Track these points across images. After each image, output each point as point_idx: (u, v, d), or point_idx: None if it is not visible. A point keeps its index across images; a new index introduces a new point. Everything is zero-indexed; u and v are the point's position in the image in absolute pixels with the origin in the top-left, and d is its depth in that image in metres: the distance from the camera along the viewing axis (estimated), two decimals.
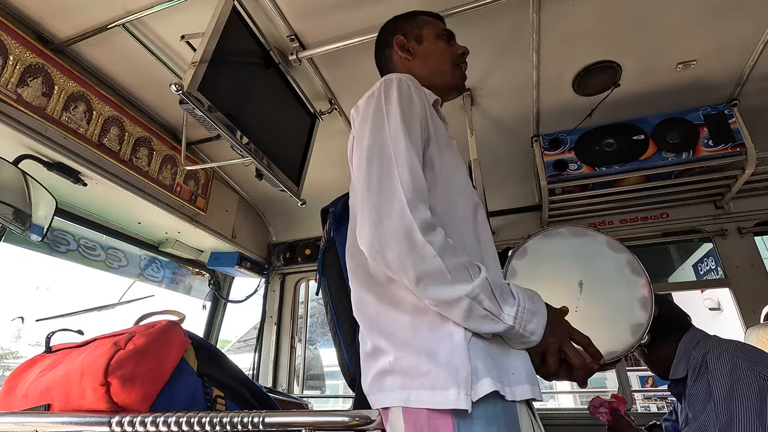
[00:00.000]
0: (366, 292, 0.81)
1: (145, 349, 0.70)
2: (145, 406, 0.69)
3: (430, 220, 0.72)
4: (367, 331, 0.78)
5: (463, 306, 0.68)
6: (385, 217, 0.71)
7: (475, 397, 0.64)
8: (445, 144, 0.90)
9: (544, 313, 0.73)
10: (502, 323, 0.69)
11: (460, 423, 0.64)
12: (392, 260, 0.69)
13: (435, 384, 0.66)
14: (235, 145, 1.49)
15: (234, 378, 0.94)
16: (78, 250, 2.15)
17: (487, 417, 0.65)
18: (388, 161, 0.76)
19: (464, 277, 0.69)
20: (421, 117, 0.85)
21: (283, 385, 2.60)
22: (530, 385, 0.73)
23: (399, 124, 0.79)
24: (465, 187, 0.90)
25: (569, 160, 1.96)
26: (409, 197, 0.72)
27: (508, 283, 0.74)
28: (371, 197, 0.73)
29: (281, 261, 2.78)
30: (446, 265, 0.68)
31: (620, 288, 1.03)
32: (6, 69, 1.41)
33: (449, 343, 0.69)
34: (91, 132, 1.67)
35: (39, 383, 0.70)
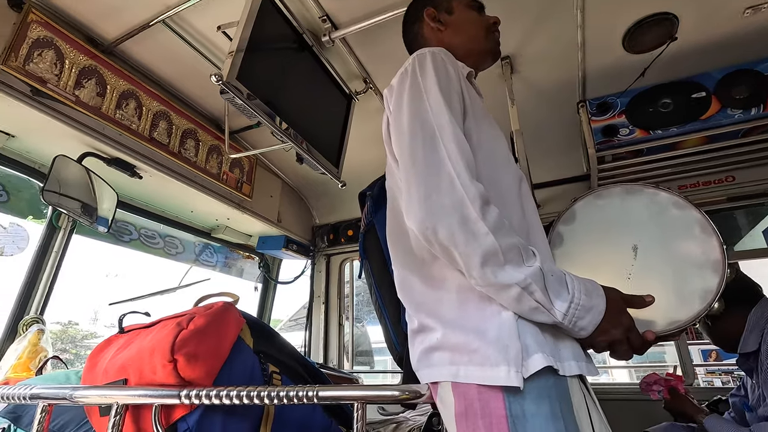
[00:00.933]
0: (409, 273, 0.81)
1: (205, 329, 0.75)
2: (209, 381, 0.74)
3: (484, 193, 0.69)
4: (413, 311, 0.79)
5: (513, 294, 0.66)
6: (434, 192, 0.68)
7: (526, 374, 0.63)
8: (481, 115, 0.87)
9: (600, 310, 0.69)
10: (551, 317, 0.67)
11: (511, 398, 0.64)
12: (443, 236, 0.67)
13: (484, 361, 0.65)
14: (275, 131, 1.52)
15: (287, 354, 0.99)
16: (139, 239, 2.31)
17: (539, 391, 0.64)
18: (432, 135, 0.74)
19: (517, 261, 0.66)
20: (457, 89, 0.82)
21: (333, 361, 2.71)
22: (584, 362, 0.71)
23: (438, 96, 0.77)
24: (507, 158, 0.87)
25: (620, 124, 1.84)
26: (458, 170, 0.69)
27: (564, 274, 0.71)
28: (417, 173, 0.71)
29: (325, 242, 2.84)
30: (499, 245, 0.65)
31: (687, 250, 0.93)
32: (63, 73, 1.50)
33: (497, 320, 0.68)
34: (142, 127, 1.77)
35: (116, 360, 0.77)
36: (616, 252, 0.98)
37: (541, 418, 0.62)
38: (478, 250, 0.65)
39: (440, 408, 0.72)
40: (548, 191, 2.35)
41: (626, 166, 1.99)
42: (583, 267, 1.00)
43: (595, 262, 1.04)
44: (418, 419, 1.79)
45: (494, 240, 0.65)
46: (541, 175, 2.31)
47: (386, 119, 0.89)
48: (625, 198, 1.06)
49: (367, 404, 0.74)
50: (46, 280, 1.78)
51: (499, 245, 0.65)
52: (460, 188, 0.68)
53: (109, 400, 0.69)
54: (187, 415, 0.72)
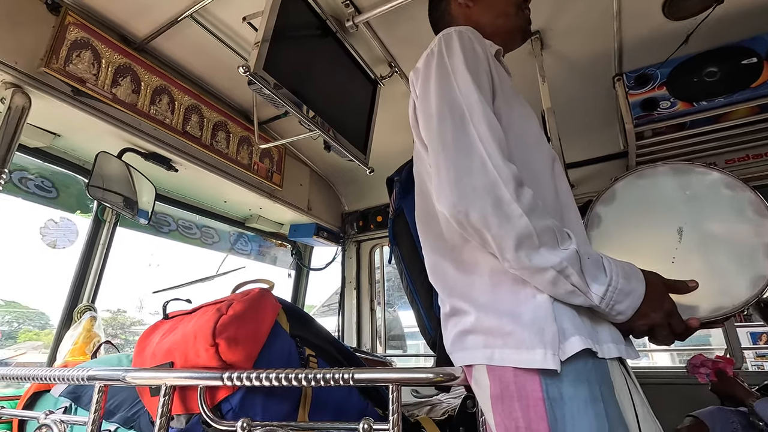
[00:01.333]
0: (440, 257, 0.80)
1: (244, 314, 0.78)
2: (249, 364, 0.77)
3: (517, 174, 0.67)
4: (446, 296, 0.79)
5: (548, 277, 0.64)
6: (465, 175, 0.67)
7: (563, 357, 0.62)
8: (511, 94, 0.85)
9: (639, 295, 0.67)
10: (587, 300, 0.65)
11: (548, 380, 0.63)
12: (476, 219, 0.66)
13: (519, 344, 0.65)
14: (303, 120, 1.54)
15: (323, 339, 1.01)
16: (178, 230, 2.40)
17: (577, 374, 0.63)
18: (461, 117, 0.72)
19: (552, 244, 0.65)
20: (486, 68, 0.80)
21: (366, 345, 2.76)
22: (623, 345, 0.69)
23: (467, 76, 0.75)
24: (539, 138, 0.85)
25: (660, 97, 1.74)
26: (490, 151, 0.68)
27: (602, 257, 0.68)
28: (447, 156, 0.70)
29: (355, 229, 2.87)
30: (534, 227, 0.64)
31: (739, 233, 0.86)
32: (101, 72, 1.56)
33: (532, 303, 0.67)
34: (175, 121, 1.82)
35: (162, 344, 0.81)
36: (659, 234, 0.93)
37: (580, 401, 0.61)
38: (511, 233, 0.64)
39: (475, 390, 0.72)
40: (582, 171, 2.26)
41: (667, 141, 1.89)
42: (622, 250, 0.96)
43: (636, 244, 0.99)
44: (452, 402, 1.81)
45: (528, 222, 0.64)
46: (574, 154, 2.23)
47: (412, 103, 0.87)
48: (671, 177, 1.00)
49: (408, 386, 0.75)
50: (95, 270, 1.89)
51: (533, 227, 0.64)
52: (492, 170, 0.66)
53: (158, 382, 0.74)
54: (230, 396, 0.76)
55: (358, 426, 0.71)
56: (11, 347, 12.38)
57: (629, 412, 0.64)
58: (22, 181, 1.78)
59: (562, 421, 0.61)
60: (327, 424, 0.75)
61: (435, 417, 1.61)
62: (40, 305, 4.86)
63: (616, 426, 0.61)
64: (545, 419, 0.62)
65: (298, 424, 0.75)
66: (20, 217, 2.29)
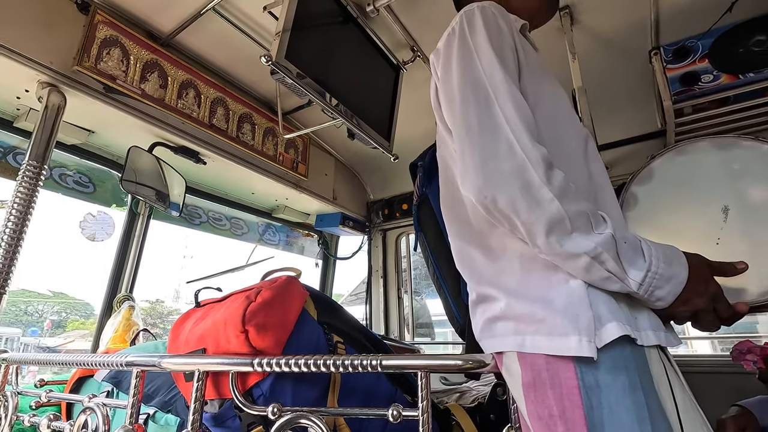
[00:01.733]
0: (467, 244, 0.78)
1: (272, 301, 0.79)
2: (278, 350, 0.78)
3: (547, 156, 0.64)
4: (474, 283, 0.77)
5: (581, 263, 0.61)
6: (491, 159, 0.64)
7: (600, 344, 0.59)
8: (539, 71, 0.80)
9: (681, 280, 0.62)
10: (624, 286, 0.62)
11: (583, 368, 0.60)
12: (504, 205, 0.62)
13: (552, 331, 0.62)
14: (326, 108, 1.53)
15: (350, 326, 1.01)
16: (208, 221, 2.47)
17: (614, 361, 0.60)
18: (486, 97, 0.69)
19: (585, 229, 0.61)
20: (511, 44, 0.76)
21: (394, 333, 2.77)
22: (663, 332, 0.66)
23: (491, 54, 0.72)
24: (570, 116, 0.81)
25: (702, 70, 1.64)
26: (518, 133, 0.64)
27: (640, 240, 0.64)
28: (472, 139, 0.67)
29: (380, 218, 2.86)
30: (566, 211, 0.60)
31: None
32: (130, 69, 1.60)
33: (565, 289, 0.64)
34: (202, 115, 1.85)
35: (195, 331, 0.83)
36: (701, 214, 0.87)
37: (618, 389, 0.59)
38: (542, 218, 0.61)
39: (506, 378, 0.71)
40: (616, 152, 2.17)
41: (709, 117, 1.78)
42: (661, 231, 0.91)
43: (676, 226, 0.94)
44: (482, 389, 1.79)
45: (560, 206, 0.61)
46: (608, 135, 2.13)
47: (434, 85, 0.84)
48: (713, 153, 0.93)
49: (437, 373, 0.74)
50: (132, 261, 1.97)
51: (565, 212, 0.61)
52: (520, 152, 0.63)
53: (191, 367, 0.76)
54: (261, 382, 0.77)
55: (387, 412, 0.71)
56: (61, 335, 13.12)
57: (668, 402, 0.61)
58: (62, 177, 1.86)
59: (599, 410, 0.58)
60: (356, 410, 0.75)
61: (464, 404, 1.61)
62: (85, 296, 5.13)
63: (656, 415, 0.58)
64: (581, 407, 0.59)
65: (327, 410, 0.76)
66: (62, 212, 2.41)
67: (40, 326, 15.97)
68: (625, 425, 0.57)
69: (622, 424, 0.57)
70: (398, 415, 0.70)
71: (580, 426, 0.59)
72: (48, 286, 11.40)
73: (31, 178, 1.26)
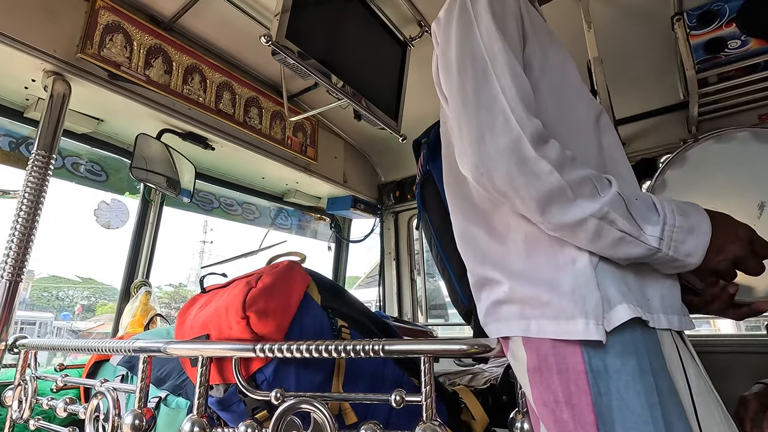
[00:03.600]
0: (470, 223, 0.76)
1: (272, 287, 0.78)
2: (280, 336, 0.78)
3: (541, 130, 0.62)
4: (478, 264, 0.74)
5: (590, 228, 0.58)
6: (488, 133, 0.62)
7: (609, 327, 0.56)
8: (547, 39, 0.76)
9: (705, 230, 0.59)
10: (643, 245, 0.58)
11: (591, 352, 0.58)
12: (501, 182, 0.60)
13: (558, 314, 0.60)
14: (331, 89, 1.50)
15: (356, 310, 1.00)
16: (220, 207, 2.48)
17: (624, 345, 0.57)
18: (484, 68, 0.66)
19: (589, 193, 0.59)
20: (514, 11, 0.72)
21: (408, 315, 2.77)
22: (676, 315, 0.63)
23: (490, 22, 0.68)
24: (578, 87, 0.76)
25: (728, 36, 1.53)
26: (513, 105, 0.62)
27: (651, 196, 0.61)
28: (468, 113, 0.64)
29: (392, 200, 2.84)
30: (566, 180, 0.58)
31: None
32: (133, 55, 1.59)
33: (572, 270, 0.61)
34: (208, 100, 1.84)
35: (199, 317, 0.84)
36: (735, 208, 0.81)
37: (627, 374, 0.56)
38: (542, 191, 0.59)
39: (512, 363, 0.69)
40: (636, 126, 2.07)
41: (736, 86, 1.67)
42: None
43: None
44: (494, 371, 1.78)
45: (560, 177, 0.58)
46: (626, 108, 2.04)
47: (435, 57, 0.81)
48: (754, 144, 0.86)
49: (443, 357, 0.73)
50: (147, 248, 1.99)
51: (565, 182, 0.58)
52: (515, 125, 0.61)
53: (195, 353, 0.76)
54: (264, 367, 0.77)
55: (390, 397, 0.70)
56: (91, 319, 13.74)
57: (681, 382, 0.58)
58: (75, 167, 1.88)
59: (607, 396, 0.56)
60: (360, 395, 0.75)
61: (477, 386, 1.60)
62: (112, 281, 5.31)
63: (668, 399, 0.56)
64: (588, 393, 0.57)
65: (331, 395, 0.76)
66: (86, 201, 2.46)
67: (71, 310, 16.69)
68: (634, 411, 0.55)
69: (631, 410, 0.55)
70: (401, 401, 0.69)
71: (587, 412, 0.57)
72: (76, 272, 11.71)
73: (40, 168, 1.28)
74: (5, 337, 1.14)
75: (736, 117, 1.84)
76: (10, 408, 1.09)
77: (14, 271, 1.17)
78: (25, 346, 1.12)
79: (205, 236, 21.29)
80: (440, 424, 0.66)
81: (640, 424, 0.54)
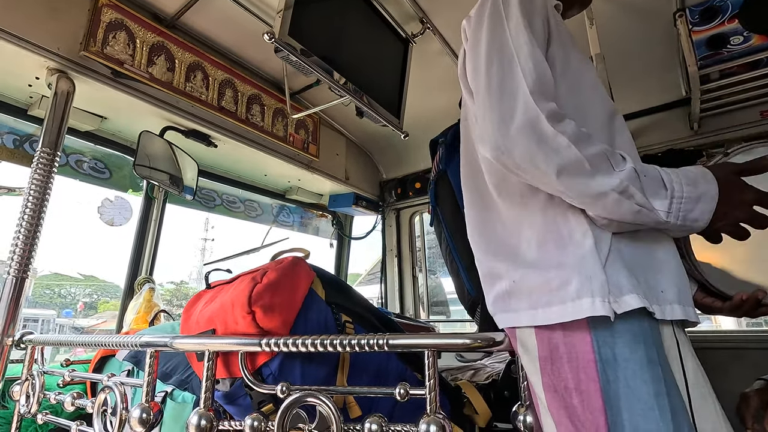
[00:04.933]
0: (484, 216, 0.80)
1: (277, 282, 0.79)
2: (286, 330, 0.78)
3: (557, 109, 0.65)
4: (490, 255, 0.77)
5: (610, 201, 0.62)
6: (508, 116, 0.66)
7: (619, 310, 0.59)
8: (570, 43, 0.81)
9: (712, 195, 0.63)
10: (653, 219, 0.62)
11: (600, 341, 0.60)
12: (521, 158, 0.64)
13: (565, 297, 0.63)
14: (333, 86, 1.50)
15: (360, 305, 1.01)
16: (223, 204, 2.49)
17: (633, 335, 0.60)
18: (510, 59, 0.70)
19: (606, 168, 0.62)
20: (542, 13, 0.78)
21: (409, 311, 2.78)
22: (682, 306, 0.66)
23: (520, 18, 0.73)
24: (597, 89, 0.80)
25: (731, 32, 1.53)
26: (533, 88, 0.66)
27: (658, 170, 0.65)
28: (492, 98, 0.68)
29: (393, 197, 2.84)
30: (584, 155, 0.62)
31: None
32: (136, 52, 1.60)
33: (580, 252, 0.65)
34: (210, 97, 1.84)
35: (204, 313, 0.85)
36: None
37: (636, 363, 0.59)
38: (561, 164, 0.62)
39: (521, 352, 0.71)
40: (637, 122, 2.07)
41: (737, 83, 1.68)
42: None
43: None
44: (496, 366, 1.79)
45: (577, 151, 0.62)
46: (628, 105, 2.04)
47: (463, 52, 0.85)
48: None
49: (445, 352, 0.74)
50: (151, 245, 2.00)
51: (583, 155, 0.62)
52: (533, 106, 0.64)
53: (201, 348, 0.77)
54: (270, 361, 0.78)
55: (394, 391, 0.71)
56: (94, 316, 13.73)
57: (678, 375, 0.62)
58: (78, 164, 1.89)
59: (615, 383, 0.59)
60: (365, 389, 0.76)
61: (479, 381, 1.61)
62: (114, 278, 5.34)
63: (673, 389, 0.59)
64: (596, 380, 0.60)
65: (335, 388, 0.76)
66: (88, 198, 2.46)
67: (74, 308, 16.74)
68: (641, 399, 0.57)
69: (638, 398, 0.57)
70: (405, 394, 0.70)
71: (595, 398, 0.59)
72: (78, 269, 11.77)
73: (45, 165, 1.29)
74: (12, 333, 1.15)
75: (738, 114, 1.84)
76: (18, 403, 1.10)
77: (20, 267, 1.18)
78: (32, 342, 1.13)
79: (206, 234, 21.32)
80: (444, 417, 0.67)
81: (647, 410, 0.56)
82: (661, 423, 0.55)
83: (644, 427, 0.56)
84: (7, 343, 1.14)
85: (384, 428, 0.69)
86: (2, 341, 1.14)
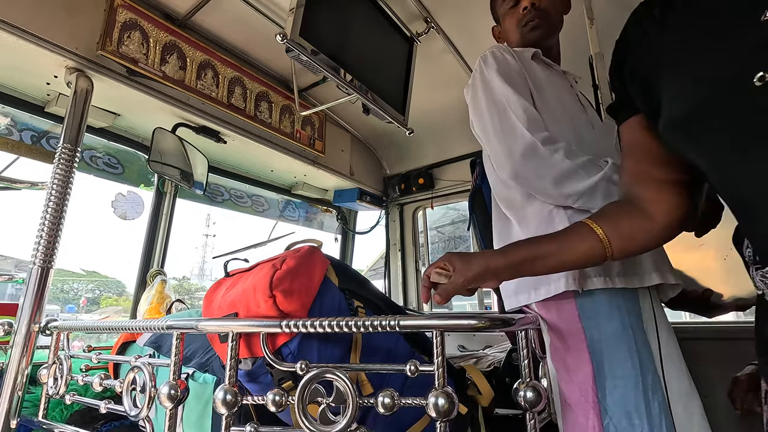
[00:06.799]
0: (505, 224, 1.07)
1: (296, 268, 0.85)
2: (304, 313, 0.84)
3: (549, 136, 0.92)
4: None
5: (601, 188, 0.86)
6: (513, 146, 0.92)
7: (585, 287, 0.86)
8: (546, 81, 1.09)
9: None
10: None
11: (585, 313, 0.86)
12: (531, 176, 0.91)
13: (551, 279, 0.89)
14: (341, 84, 1.55)
15: (371, 293, 1.07)
16: (230, 199, 2.55)
17: (609, 305, 0.84)
18: (503, 109, 0.97)
19: (594, 169, 0.89)
20: (517, 70, 1.05)
21: (413, 305, 2.84)
22: (659, 272, 0.86)
23: (500, 80, 1.01)
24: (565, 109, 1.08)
25: None
26: (527, 125, 0.92)
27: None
28: (498, 137, 0.97)
29: (397, 192, 2.90)
30: (576, 164, 0.88)
31: None
32: (150, 51, 1.65)
33: None
34: (220, 94, 1.90)
35: (227, 298, 0.90)
36: None
37: (614, 326, 0.82)
38: (559, 174, 0.88)
39: (542, 326, 0.94)
40: None
41: None
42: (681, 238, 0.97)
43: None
44: (498, 355, 1.85)
45: (570, 162, 0.88)
46: None
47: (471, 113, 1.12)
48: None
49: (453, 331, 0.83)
50: (162, 238, 2.07)
51: (576, 165, 0.89)
52: (530, 137, 0.91)
53: (225, 329, 0.83)
54: (289, 342, 0.84)
55: (405, 368, 0.76)
56: (96, 312, 13.75)
57: (653, 342, 0.82)
58: (93, 159, 1.95)
59: (599, 343, 0.83)
60: (377, 366, 0.81)
61: (481, 369, 1.67)
62: (116, 274, 5.40)
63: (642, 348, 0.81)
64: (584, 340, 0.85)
65: (351, 366, 0.82)
66: (88, 193, 2.51)
67: (77, 303, 16.83)
68: (619, 352, 0.82)
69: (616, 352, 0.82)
70: (415, 370, 0.76)
71: (583, 351, 0.85)
72: (80, 265, 11.79)
73: (66, 161, 1.34)
74: (39, 320, 1.21)
75: None
76: (45, 385, 1.17)
77: (46, 258, 1.24)
78: (57, 328, 1.19)
79: (208, 230, 21.36)
80: (452, 390, 0.72)
81: (622, 361, 0.81)
82: (632, 370, 0.79)
83: (620, 373, 0.80)
84: (34, 330, 1.20)
85: (396, 401, 0.75)
86: (30, 328, 1.20)
